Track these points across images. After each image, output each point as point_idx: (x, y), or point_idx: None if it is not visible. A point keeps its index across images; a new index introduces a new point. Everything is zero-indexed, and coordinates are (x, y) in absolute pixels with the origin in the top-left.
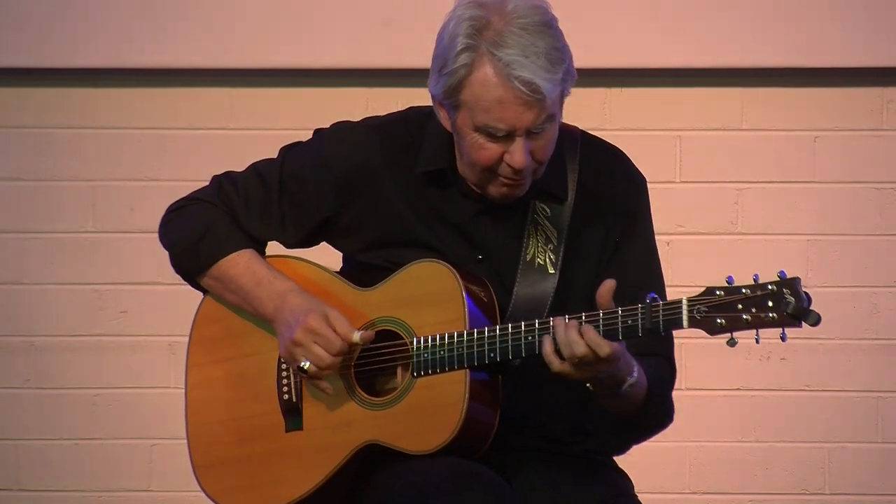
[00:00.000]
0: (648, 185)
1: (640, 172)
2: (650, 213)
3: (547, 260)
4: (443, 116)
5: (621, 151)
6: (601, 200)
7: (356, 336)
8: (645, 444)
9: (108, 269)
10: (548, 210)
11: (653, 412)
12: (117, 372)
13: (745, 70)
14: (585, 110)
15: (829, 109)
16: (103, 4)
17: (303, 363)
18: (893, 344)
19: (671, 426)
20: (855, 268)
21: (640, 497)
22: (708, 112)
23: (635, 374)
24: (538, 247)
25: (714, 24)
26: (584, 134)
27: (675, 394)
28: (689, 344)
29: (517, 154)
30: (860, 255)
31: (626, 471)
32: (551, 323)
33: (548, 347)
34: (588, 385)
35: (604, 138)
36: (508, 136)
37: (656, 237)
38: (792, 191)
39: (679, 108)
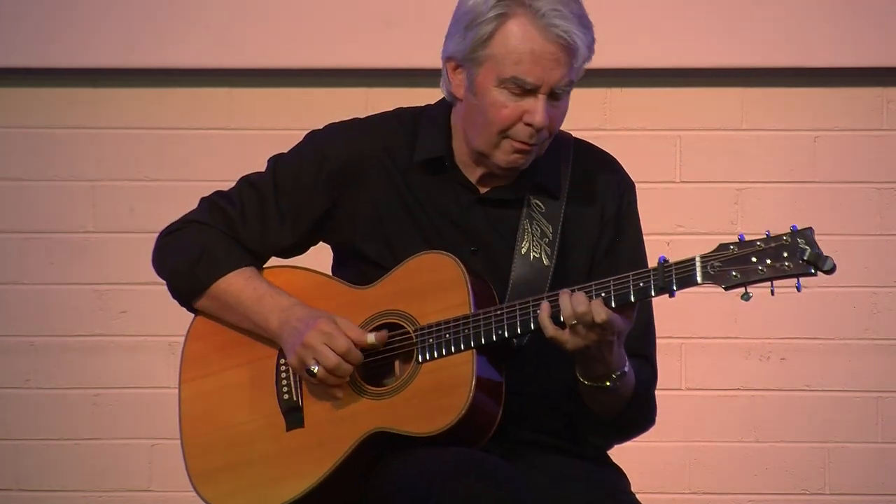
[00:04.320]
0: (648, 185)
1: (629, 176)
2: (638, 217)
3: (542, 253)
4: (458, 82)
5: (612, 156)
6: (593, 199)
7: (370, 337)
8: (645, 444)
9: (108, 269)
10: (542, 206)
11: (637, 410)
12: (117, 372)
13: (745, 70)
14: (585, 110)
15: (829, 109)
16: (104, 4)
17: (312, 366)
18: (893, 344)
19: (672, 427)
20: (855, 268)
21: (641, 497)
22: (708, 112)
23: (626, 369)
24: (533, 241)
25: (714, 24)
26: (576, 139)
27: (675, 394)
28: (689, 344)
29: (539, 112)
30: (860, 255)
31: (625, 471)
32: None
33: (544, 312)
34: (578, 376)
35: (603, 138)
36: (531, 93)
37: (656, 237)
38: (792, 191)
39: (679, 108)
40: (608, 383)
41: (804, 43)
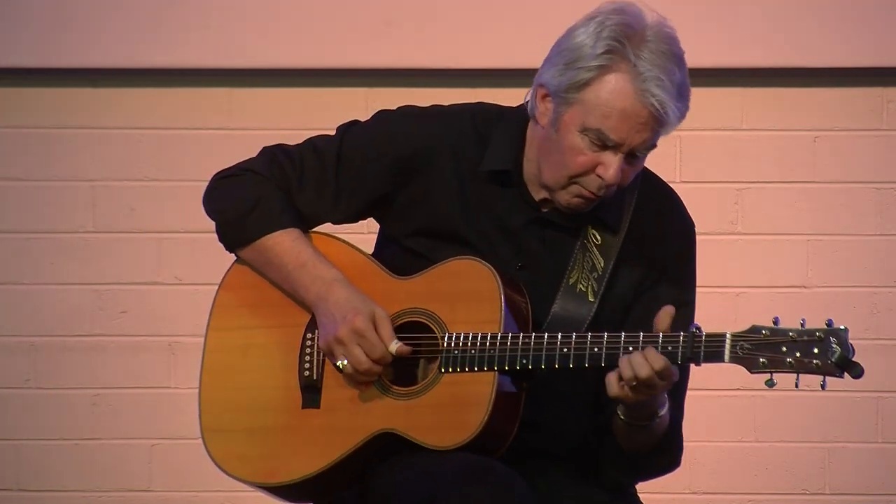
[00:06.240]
0: None
1: (691, 218)
2: (695, 261)
3: (589, 288)
4: (543, 110)
5: (677, 195)
6: (650, 239)
7: (393, 346)
8: None
9: (108, 269)
10: (599, 238)
11: (666, 450)
12: (117, 372)
13: (745, 70)
14: None
15: (829, 109)
16: (104, 4)
17: (341, 361)
18: (893, 344)
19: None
20: (855, 268)
21: (640, 497)
22: (708, 112)
23: (665, 410)
24: (582, 273)
25: (714, 24)
26: (646, 170)
27: None
28: None
29: (613, 168)
30: (860, 255)
31: None
32: (603, 341)
33: (613, 376)
34: (620, 415)
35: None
36: (612, 149)
37: None
38: (792, 191)
39: None
40: (649, 422)
41: (804, 43)
